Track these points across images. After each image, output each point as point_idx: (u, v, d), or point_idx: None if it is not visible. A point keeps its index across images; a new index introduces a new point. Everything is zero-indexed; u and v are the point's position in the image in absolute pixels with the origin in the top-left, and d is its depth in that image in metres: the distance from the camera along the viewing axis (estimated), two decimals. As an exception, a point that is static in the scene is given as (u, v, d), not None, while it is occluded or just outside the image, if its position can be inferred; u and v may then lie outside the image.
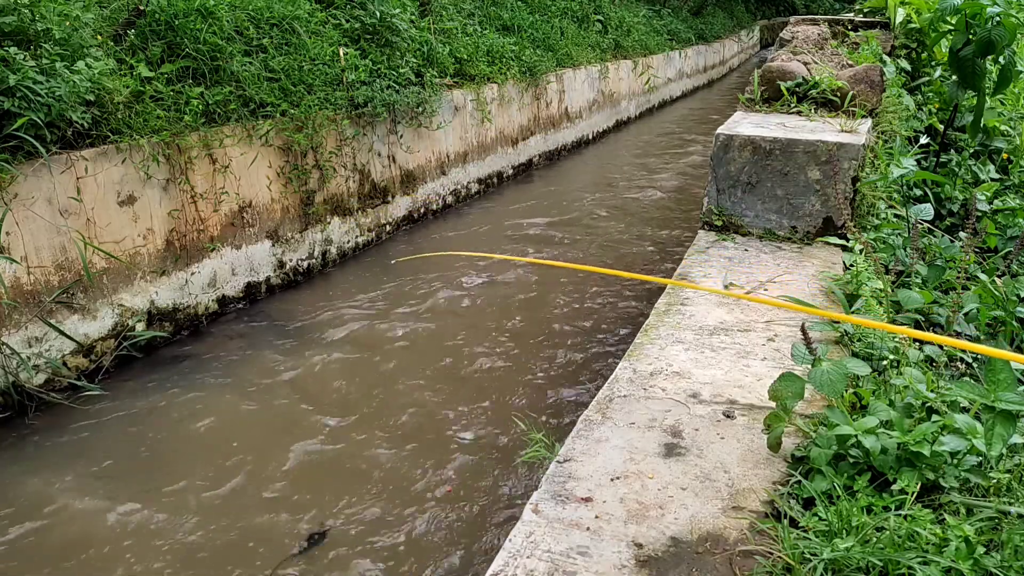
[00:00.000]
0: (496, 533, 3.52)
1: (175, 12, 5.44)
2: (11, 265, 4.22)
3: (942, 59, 5.86)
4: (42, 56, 4.48)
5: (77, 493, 3.76)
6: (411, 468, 3.98)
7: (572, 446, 2.39)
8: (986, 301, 3.29)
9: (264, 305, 5.90)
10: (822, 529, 1.92)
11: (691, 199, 9.20)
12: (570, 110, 11.84)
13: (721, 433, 2.44)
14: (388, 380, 4.83)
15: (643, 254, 7.26)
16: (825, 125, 4.36)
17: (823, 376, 2.20)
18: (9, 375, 4.25)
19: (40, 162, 4.30)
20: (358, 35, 7.28)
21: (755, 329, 3.17)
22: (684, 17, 20.49)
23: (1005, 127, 5.76)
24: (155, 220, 5.06)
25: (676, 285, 3.58)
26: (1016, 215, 4.71)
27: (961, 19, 4.58)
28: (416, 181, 7.83)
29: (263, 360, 5.05)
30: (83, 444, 4.15)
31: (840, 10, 26.30)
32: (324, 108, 6.30)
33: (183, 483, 3.85)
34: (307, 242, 6.41)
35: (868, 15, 7.31)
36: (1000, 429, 1.92)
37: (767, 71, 5.08)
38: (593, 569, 1.87)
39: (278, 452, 4.08)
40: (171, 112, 5.14)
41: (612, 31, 14.41)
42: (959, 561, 1.73)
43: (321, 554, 3.40)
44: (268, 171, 5.92)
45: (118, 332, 4.86)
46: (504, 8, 11.06)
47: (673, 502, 2.11)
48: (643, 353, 3.00)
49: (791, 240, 4.18)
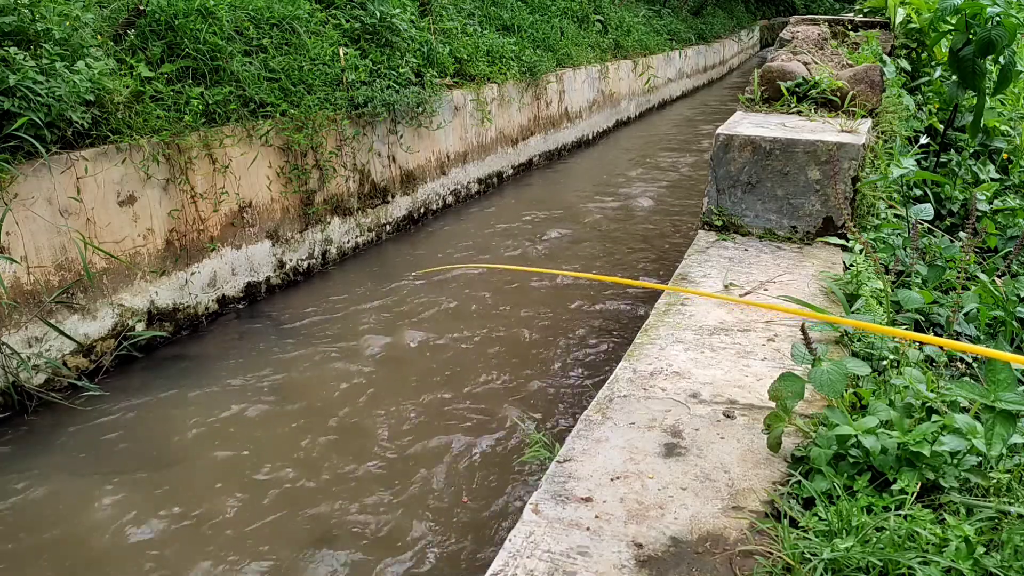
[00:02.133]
0: (496, 533, 3.52)
1: (175, 12, 5.45)
2: (11, 265, 4.22)
3: (942, 59, 5.86)
4: (42, 56, 4.48)
5: (76, 493, 3.76)
6: (411, 468, 3.98)
7: (572, 446, 2.39)
8: (986, 301, 3.29)
9: (264, 305, 5.90)
10: (822, 529, 1.92)
11: (691, 199, 9.20)
12: (570, 110, 11.84)
13: (721, 433, 2.44)
14: (388, 380, 4.83)
15: (643, 254, 7.25)
16: (825, 125, 4.36)
17: (823, 376, 2.20)
18: (9, 375, 4.25)
19: (40, 162, 4.30)
20: (358, 35, 7.28)
21: (755, 329, 3.17)
22: (684, 17, 20.49)
23: (1005, 127, 5.76)
24: (155, 220, 5.06)
25: (674, 290, 3.58)
26: (1016, 215, 4.71)
27: (961, 19, 4.58)
28: (416, 181, 7.83)
29: (263, 360, 5.05)
30: (83, 444, 4.15)
31: (840, 10, 26.30)
32: (324, 108, 6.30)
33: (183, 483, 3.85)
34: (307, 242, 6.41)
35: (868, 15, 7.31)
36: (1000, 429, 1.92)
37: (767, 71, 5.08)
38: (593, 569, 1.87)
39: (278, 452, 4.08)
40: (171, 112, 5.14)
41: (612, 31, 14.41)
42: (959, 561, 1.73)
43: (321, 551, 3.40)
44: (268, 171, 5.92)
45: (118, 332, 4.86)
46: (504, 8, 11.06)
47: (673, 502, 2.11)
48: (643, 353, 3.00)
49: (791, 240, 4.17)
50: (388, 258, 6.99)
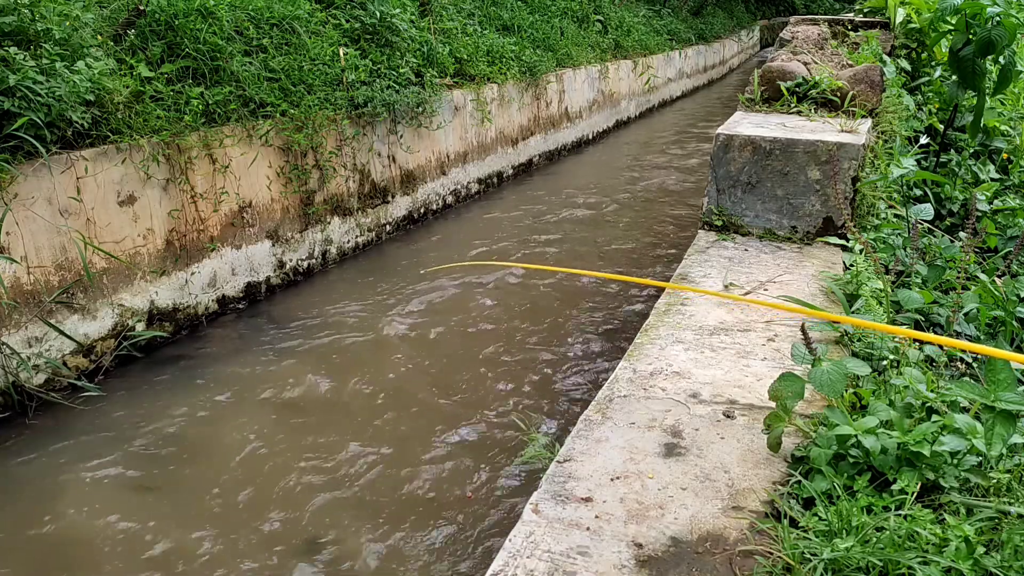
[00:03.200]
0: (496, 533, 3.52)
1: (175, 12, 5.44)
2: (11, 265, 4.22)
3: (942, 59, 5.86)
4: (42, 56, 4.48)
5: (76, 493, 3.76)
6: (411, 468, 3.98)
7: (572, 446, 2.39)
8: (986, 301, 3.29)
9: (264, 305, 5.90)
10: (822, 529, 1.92)
11: (692, 199, 9.20)
12: (570, 110, 11.84)
13: (721, 433, 2.44)
14: (389, 379, 4.83)
15: (644, 253, 7.25)
16: (825, 125, 4.36)
17: (823, 376, 2.20)
18: (9, 375, 4.25)
19: (40, 162, 4.30)
20: (358, 35, 7.28)
21: (755, 329, 3.17)
22: (684, 17, 20.49)
23: (1005, 127, 5.76)
24: (155, 220, 5.06)
25: (675, 288, 3.58)
26: (1016, 215, 4.71)
27: (961, 19, 4.58)
28: (416, 181, 7.83)
29: (263, 360, 5.05)
30: (82, 444, 4.14)
31: (840, 10, 26.30)
32: (324, 108, 6.30)
33: (183, 483, 3.85)
34: (307, 242, 6.41)
35: (868, 15, 7.31)
36: (1000, 429, 1.92)
37: (767, 71, 5.08)
38: (593, 569, 1.87)
39: (278, 452, 4.08)
40: (171, 112, 5.14)
41: (612, 31, 14.41)
42: (959, 561, 1.73)
43: (319, 554, 3.40)
44: (268, 171, 5.92)
45: (118, 332, 4.86)
46: (504, 8, 11.05)
47: (673, 502, 2.11)
48: (643, 353, 3.00)
49: (791, 240, 4.17)
50: (388, 258, 6.99)
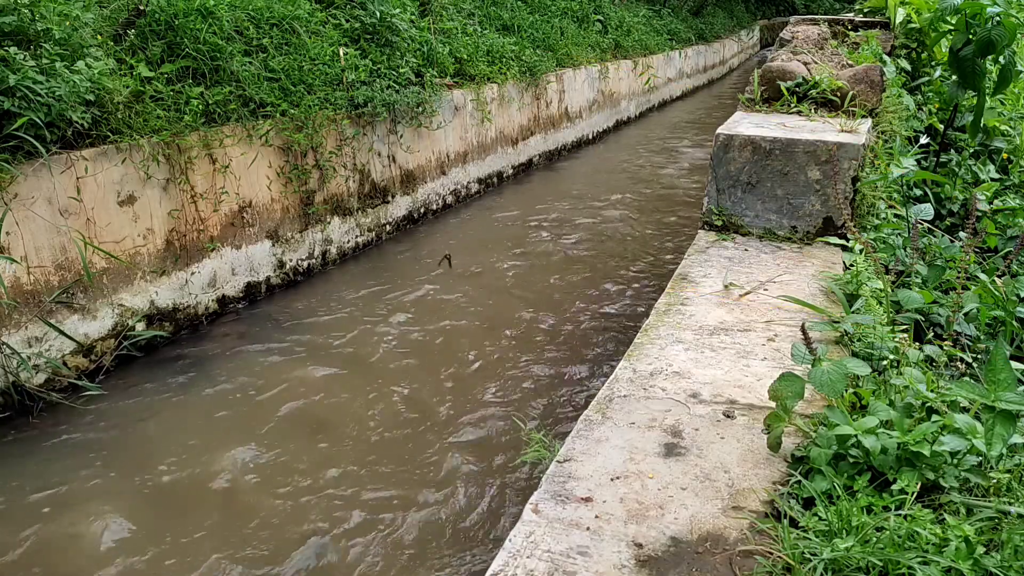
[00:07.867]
0: (496, 533, 3.52)
1: (175, 12, 5.44)
2: (11, 265, 4.22)
3: (942, 59, 5.86)
4: (42, 56, 4.48)
5: (76, 493, 3.76)
6: (411, 468, 3.98)
7: (572, 446, 2.39)
8: (986, 301, 3.29)
9: (264, 305, 5.90)
10: (822, 529, 1.92)
11: (691, 198, 9.20)
12: (570, 110, 11.84)
13: (721, 433, 2.44)
14: (389, 379, 4.83)
15: (644, 253, 7.25)
16: (825, 125, 4.36)
17: (823, 376, 2.20)
18: (9, 375, 4.25)
19: (40, 162, 4.30)
20: (358, 35, 7.28)
21: (755, 329, 3.17)
22: (684, 17, 20.49)
23: (1005, 127, 5.76)
24: (155, 220, 5.06)
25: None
26: (1016, 215, 4.71)
27: (961, 19, 4.58)
28: (416, 181, 7.83)
29: (263, 360, 5.05)
30: (82, 443, 4.15)
31: (840, 10, 26.29)
32: (324, 108, 6.30)
33: (183, 483, 3.85)
34: (307, 242, 6.41)
35: (868, 15, 7.31)
36: (1000, 429, 1.92)
37: (767, 71, 5.08)
38: (593, 569, 1.87)
39: (279, 451, 4.08)
40: (171, 112, 5.14)
41: (612, 31, 14.41)
42: (959, 561, 1.73)
43: (311, 550, 3.40)
44: (268, 171, 5.92)
45: (118, 332, 4.86)
46: (504, 8, 11.05)
47: (673, 502, 2.11)
48: (643, 353, 3.00)
49: (791, 240, 4.17)
50: (388, 258, 6.99)
